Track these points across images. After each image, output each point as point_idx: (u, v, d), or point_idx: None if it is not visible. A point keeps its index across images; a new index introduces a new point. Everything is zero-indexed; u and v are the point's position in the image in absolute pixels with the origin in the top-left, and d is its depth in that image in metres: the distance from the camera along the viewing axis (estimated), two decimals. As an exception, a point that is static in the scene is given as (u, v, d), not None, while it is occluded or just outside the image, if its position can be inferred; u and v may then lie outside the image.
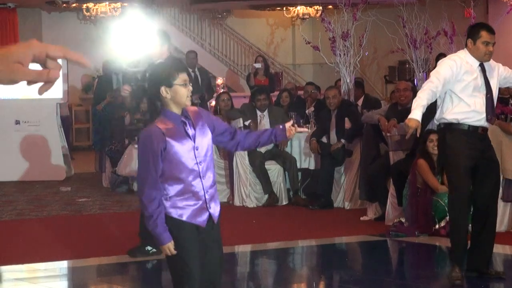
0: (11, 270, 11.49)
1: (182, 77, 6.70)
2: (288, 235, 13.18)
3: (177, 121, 6.70)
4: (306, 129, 14.10)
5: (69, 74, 20.32)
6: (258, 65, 21.47)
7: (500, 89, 16.22)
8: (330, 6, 21.26)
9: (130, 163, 17.63)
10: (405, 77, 19.79)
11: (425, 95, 9.97)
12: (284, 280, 11.29)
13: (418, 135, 10.27)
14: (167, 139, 6.59)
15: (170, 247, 6.59)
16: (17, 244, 12.97)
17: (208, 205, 6.72)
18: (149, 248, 11.79)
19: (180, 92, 6.66)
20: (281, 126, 6.89)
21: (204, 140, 6.70)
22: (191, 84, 6.78)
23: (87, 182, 18.90)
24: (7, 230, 14.17)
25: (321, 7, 22.80)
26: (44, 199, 16.95)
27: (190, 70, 20.65)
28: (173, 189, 6.69)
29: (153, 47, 11.85)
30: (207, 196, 6.72)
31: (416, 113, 9.95)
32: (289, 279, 11.47)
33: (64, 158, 19.80)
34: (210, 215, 6.73)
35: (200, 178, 6.70)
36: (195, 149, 6.64)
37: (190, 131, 6.69)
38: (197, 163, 6.68)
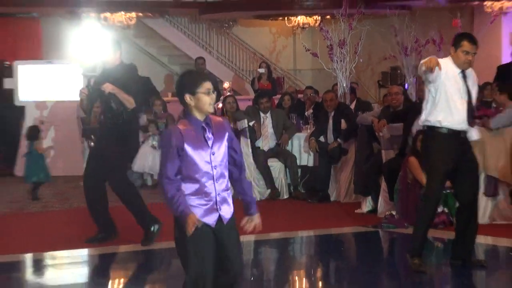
0: (37, 257, 11.66)
1: (206, 85, 6.71)
2: (288, 226, 13.26)
3: (198, 126, 6.71)
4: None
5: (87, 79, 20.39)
6: (261, 70, 21.52)
7: (483, 91, 16.40)
8: (328, 17, 21.29)
9: (144, 160, 17.75)
10: (397, 82, 19.87)
11: None
12: (284, 267, 11.33)
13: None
14: (185, 140, 6.63)
15: (193, 218, 6.61)
16: (42, 233, 13.08)
17: (218, 207, 6.75)
18: (152, 228, 12.00)
19: (203, 100, 6.67)
20: (250, 213, 6.92)
21: (221, 147, 6.73)
22: (215, 92, 6.81)
23: (104, 178, 18.98)
24: (33, 220, 14.30)
25: (319, 17, 22.83)
26: (66, 193, 17.06)
27: (199, 74, 20.78)
28: (188, 188, 6.75)
29: (107, 54, 12.01)
30: (218, 199, 6.74)
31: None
32: (289, 266, 11.50)
33: (84, 155, 19.89)
34: (220, 216, 6.77)
35: (214, 181, 6.73)
36: (211, 154, 6.68)
37: (209, 137, 6.72)
38: (212, 167, 6.71)
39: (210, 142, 6.70)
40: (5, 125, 20.50)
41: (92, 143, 12.12)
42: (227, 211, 6.81)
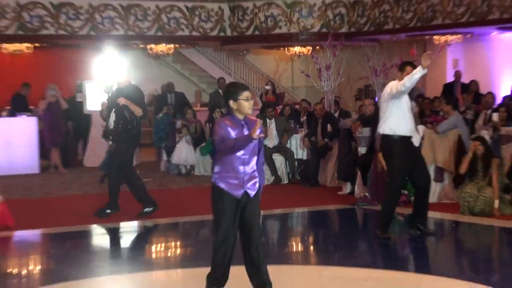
0: (100, 228, 11.66)
1: (245, 94, 6.77)
2: (287, 204, 13.23)
3: (238, 123, 6.78)
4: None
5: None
6: (268, 87, 21.43)
7: (433, 103, 16.34)
8: (318, 47, 21.24)
9: (179, 154, 17.76)
10: (369, 96, 19.74)
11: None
12: (285, 235, 11.35)
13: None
14: (229, 129, 6.72)
15: (252, 133, 6.65)
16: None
17: (245, 184, 6.79)
18: (147, 209, 12.12)
19: (243, 105, 6.75)
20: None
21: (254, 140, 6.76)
22: (253, 99, 6.88)
23: (150, 168, 18.96)
24: (97, 200, 14.15)
25: (311, 48, 22.80)
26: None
27: (220, 90, 20.76)
28: (223, 167, 6.80)
29: (122, 77, 12.22)
30: (245, 178, 6.78)
31: (415, 70, 9.58)
32: (288, 234, 11.55)
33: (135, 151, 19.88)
34: (245, 191, 6.81)
35: (243, 164, 6.78)
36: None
37: (245, 130, 6.76)
38: (243, 153, 6.77)
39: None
40: (79, 128, 20.50)
41: (111, 142, 12.26)
42: (252, 188, 6.84)
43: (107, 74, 13.19)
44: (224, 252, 6.88)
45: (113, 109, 12.16)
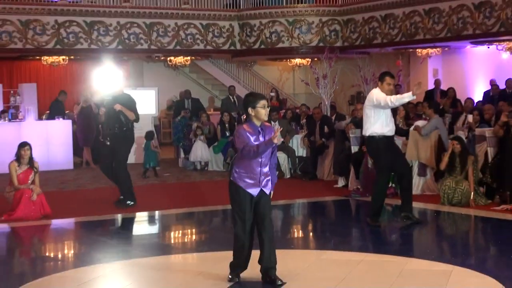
0: (125, 216, 11.55)
1: (262, 102, 6.73)
2: (289, 196, 13.12)
3: (255, 129, 6.72)
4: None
5: (160, 99, 20.41)
6: (272, 94, 21.37)
7: (417, 107, 16.24)
8: (316, 59, 21.15)
9: (195, 152, 17.66)
10: (361, 101, 19.68)
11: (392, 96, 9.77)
12: (287, 224, 11.26)
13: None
14: (248, 135, 6.67)
15: (273, 138, 6.60)
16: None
17: (260, 183, 6.77)
18: (128, 202, 12.03)
19: (260, 112, 6.70)
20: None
21: None
22: (269, 107, 6.82)
23: (169, 164, 18.88)
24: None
25: (310, 59, 22.74)
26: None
27: (231, 96, 20.65)
28: (242, 168, 6.75)
29: (117, 86, 12.31)
30: (261, 178, 6.75)
31: (405, 94, 9.66)
32: (290, 222, 11.46)
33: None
34: (261, 189, 6.78)
35: (260, 166, 6.73)
36: None
37: (261, 137, 6.70)
38: (261, 157, 6.71)
39: (261, 140, 6.70)
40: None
41: (108, 143, 12.22)
42: (267, 187, 6.83)
43: (102, 85, 13.12)
44: (243, 241, 6.84)
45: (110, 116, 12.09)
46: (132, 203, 11.99)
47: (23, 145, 11.27)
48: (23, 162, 11.19)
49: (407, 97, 9.51)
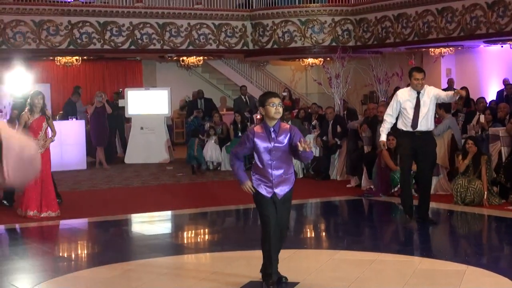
0: (138, 216, 11.58)
1: (271, 100, 6.56)
2: (303, 196, 13.05)
3: (268, 130, 6.60)
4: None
5: (173, 99, 20.48)
6: (285, 94, 21.40)
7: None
8: (328, 59, 21.13)
9: (207, 152, 17.66)
10: (373, 101, 19.69)
11: (386, 126, 10.15)
12: (300, 223, 11.21)
13: (384, 146, 10.50)
14: (255, 139, 6.57)
15: (247, 184, 6.64)
16: (142, 200, 13.02)
17: (274, 187, 6.63)
18: (5, 202, 12.08)
19: (268, 110, 6.54)
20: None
21: (281, 146, 6.56)
22: (281, 106, 6.65)
23: (182, 164, 18.88)
24: (136, 192, 14.22)
25: (323, 59, 22.74)
26: (157, 174, 16.94)
27: (243, 96, 20.65)
28: (256, 170, 6.68)
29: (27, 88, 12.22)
30: (274, 181, 6.61)
31: (383, 136, 10.22)
32: (304, 221, 11.40)
33: (169, 149, 19.85)
34: (274, 193, 6.63)
35: (271, 169, 6.61)
36: (271, 151, 6.56)
37: (272, 138, 6.57)
38: (271, 159, 6.59)
39: (273, 142, 6.57)
40: (121, 129, 20.56)
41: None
42: (281, 189, 6.66)
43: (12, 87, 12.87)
44: (269, 244, 6.68)
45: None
46: (59, 201, 11.88)
47: (37, 93, 11.24)
48: (35, 110, 11.14)
49: (383, 136, 10.19)
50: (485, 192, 11.45)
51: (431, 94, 9.95)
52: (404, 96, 10.00)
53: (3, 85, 18.95)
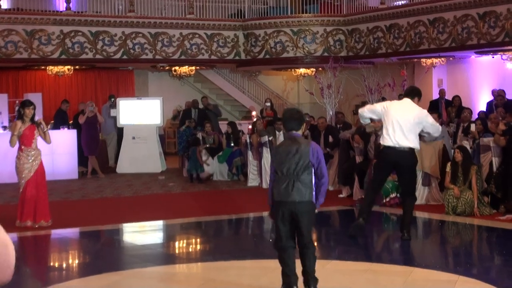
0: (130, 226, 11.56)
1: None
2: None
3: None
4: None
5: (165, 109, 20.47)
6: (267, 104, 21.35)
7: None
8: (320, 69, 21.19)
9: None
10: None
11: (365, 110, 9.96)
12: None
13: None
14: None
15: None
16: (134, 210, 13.00)
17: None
18: None
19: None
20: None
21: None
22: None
23: (174, 174, 18.89)
24: (127, 202, 14.19)
25: (314, 69, 22.77)
26: (149, 183, 16.91)
27: (193, 109, 20.70)
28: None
29: None
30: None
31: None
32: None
33: (160, 159, 19.83)
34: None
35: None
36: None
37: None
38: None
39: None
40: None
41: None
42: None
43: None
44: (284, 256, 6.74)
45: None
46: None
47: (28, 104, 11.25)
48: (26, 120, 11.18)
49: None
50: (476, 202, 11.48)
51: (415, 116, 9.60)
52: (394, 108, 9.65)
53: None
